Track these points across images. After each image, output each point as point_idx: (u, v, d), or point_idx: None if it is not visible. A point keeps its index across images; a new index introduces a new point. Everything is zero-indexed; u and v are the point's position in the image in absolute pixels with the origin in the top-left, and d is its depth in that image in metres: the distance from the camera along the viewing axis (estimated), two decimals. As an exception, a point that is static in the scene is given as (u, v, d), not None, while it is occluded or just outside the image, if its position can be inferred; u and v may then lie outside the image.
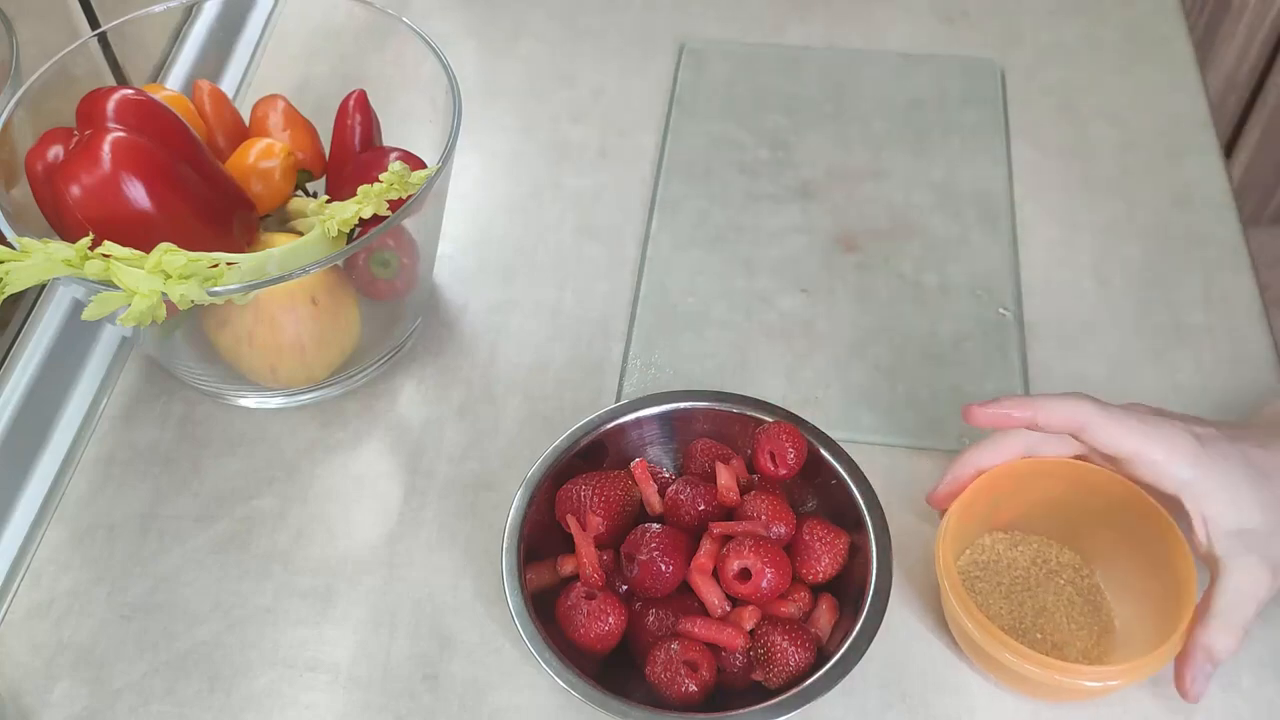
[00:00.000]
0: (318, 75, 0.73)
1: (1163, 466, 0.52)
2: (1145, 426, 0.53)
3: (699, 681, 0.51)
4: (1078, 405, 0.53)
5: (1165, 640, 0.51)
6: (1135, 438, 0.52)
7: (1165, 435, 0.52)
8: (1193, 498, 0.52)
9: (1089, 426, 0.53)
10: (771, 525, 0.54)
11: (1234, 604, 0.51)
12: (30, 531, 0.62)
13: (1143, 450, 0.52)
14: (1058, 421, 0.54)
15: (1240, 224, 0.73)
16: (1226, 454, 0.52)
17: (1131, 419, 0.53)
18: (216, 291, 0.53)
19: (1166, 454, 0.52)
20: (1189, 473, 0.52)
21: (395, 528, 0.61)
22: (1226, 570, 0.51)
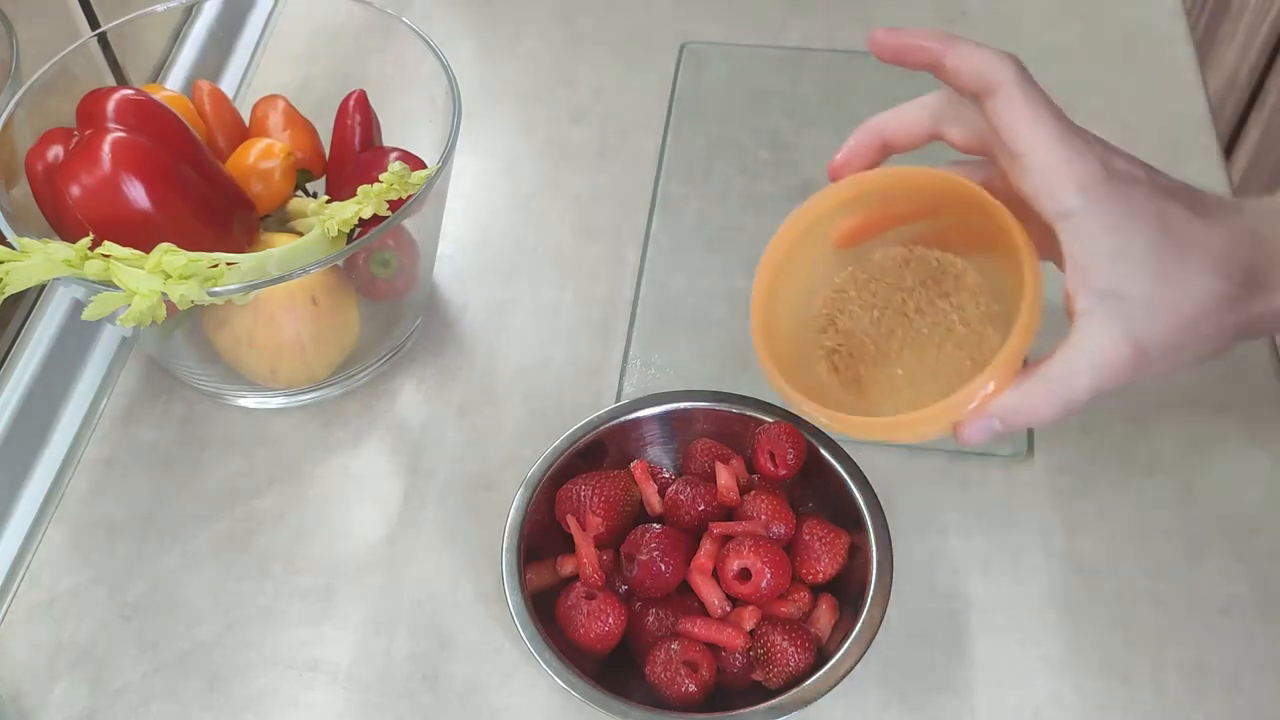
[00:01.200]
0: (318, 75, 0.73)
1: (1049, 179, 0.42)
2: (1057, 126, 0.43)
3: (699, 681, 0.51)
4: (999, 62, 0.43)
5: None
6: (1039, 131, 0.42)
7: (1071, 147, 0.42)
8: (1068, 232, 0.43)
9: (999, 91, 0.43)
10: (771, 525, 0.54)
11: (1066, 371, 0.43)
12: (30, 531, 0.62)
13: (1036, 150, 0.42)
14: (968, 71, 0.44)
15: (1240, 224, 0.73)
16: (1136, 201, 0.43)
17: (1048, 110, 0.43)
18: (216, 291, 0.53)
19: (1060, 166, 0.42)
20: (1074, 200, 0.42)
21: (395, 528, 0.61)
22: (1077, 333, 0.43)
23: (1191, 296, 0.43)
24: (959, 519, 0.60)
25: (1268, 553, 0.58)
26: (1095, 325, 0.43)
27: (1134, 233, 0.42)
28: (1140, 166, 0.45)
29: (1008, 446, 0.63)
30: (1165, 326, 0.43)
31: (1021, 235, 0.44)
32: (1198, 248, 0.43)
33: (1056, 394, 0.43)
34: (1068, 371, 0.43)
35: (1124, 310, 0.42)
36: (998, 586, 0.58)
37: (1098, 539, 0.59)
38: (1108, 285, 0.42)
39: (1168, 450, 0.62)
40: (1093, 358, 0.43)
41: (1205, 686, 0.54)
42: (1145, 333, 0.43)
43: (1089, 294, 0.43)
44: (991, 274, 0.48)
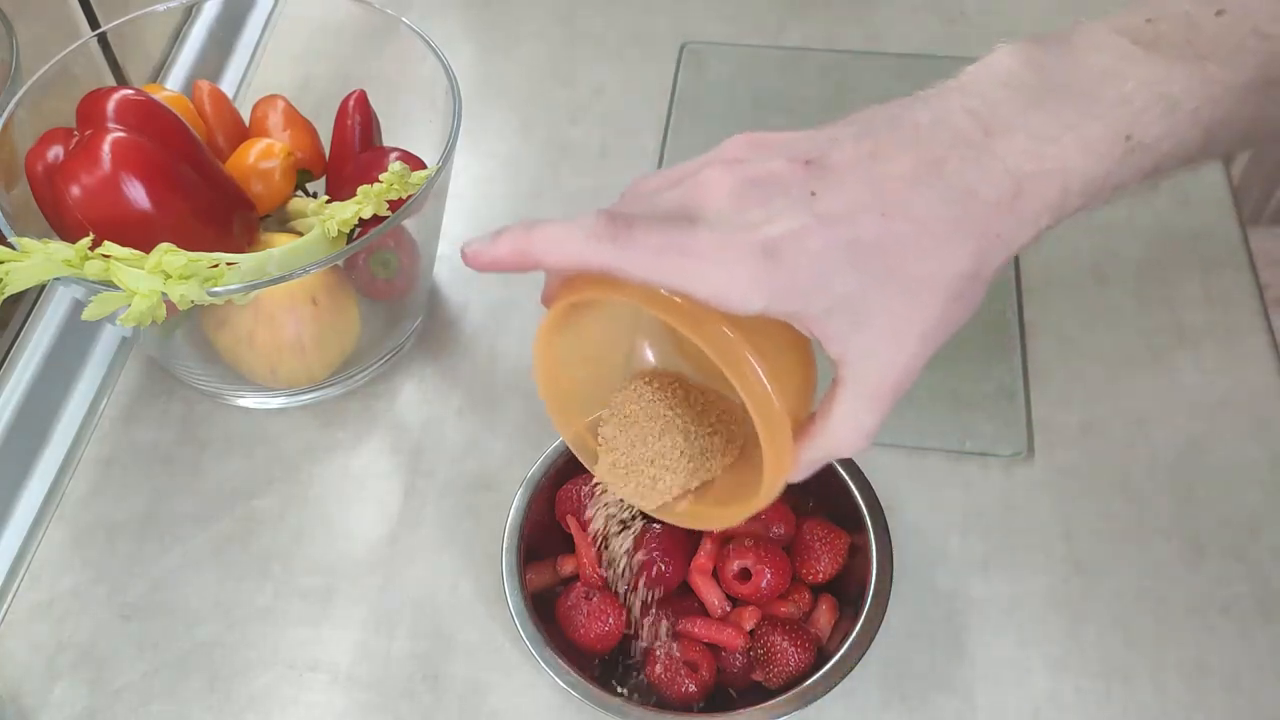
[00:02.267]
0: (318, 75, 0.73)
1: (723, 305, 0.39)
2: (676, 254, 0.39)
3: (699, 681, 0.51)
4: (568, 235, 0.40)
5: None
6: (672, 274, 0.39)
7: (711, 257, 0.38)
8: (782, 316, 0.40)
9: (601, 265, 0.40)
10: (771, 525, 0.55)
11: (849, 400, 0.42)
12: (30, 531, 0.62)
13: (690, 289, 0.39)
14: (556, 259, 0.41)
15: (1240, 224, 0.73)
16: (798, 241, 0.39)
17: (652, 238, 0.39)
18: (216, 291, 0.53)
19: (721, 287, 0.38)
20: (759, 300, 0.39)
21: (395, 528, 0.61)
22: (841, 365, 0.42)
23: (920, 314, 0.41)
24: (959, 519, 0.60)
25: (1268, 553, 0.58)
26: (851, 350, 0.41)
27: (825, 266, 0.39)
28: (803, 164, 0.41)
29: (1008, 447, 0.63)
30: (914, 344, 0.42)
31: (735, 368, 0.42)
32: (905, 253, 0.40)
33: (850, 434, 0.43)
34: (851, 417, 0.42)
35: (861, 308, 0.40)
36: (998, 586, 0.58)
37: (1098, 539, 0.59)
38: (838, 350, 0.41)
39: (1168, 450, 0.62)
40: (858, 405, 0.42)
41: (1205, 686, 0.54)
42: (894, 364, 0.42)
43: (832, 340, 0.41)
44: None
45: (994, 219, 0.40)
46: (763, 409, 0.42)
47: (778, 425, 0.42)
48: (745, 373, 0.41)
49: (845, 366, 0.41)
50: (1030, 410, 0.64)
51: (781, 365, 0.43)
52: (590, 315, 0.48)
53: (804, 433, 0.44)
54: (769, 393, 0.41)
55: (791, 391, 0.43)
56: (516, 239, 0.41)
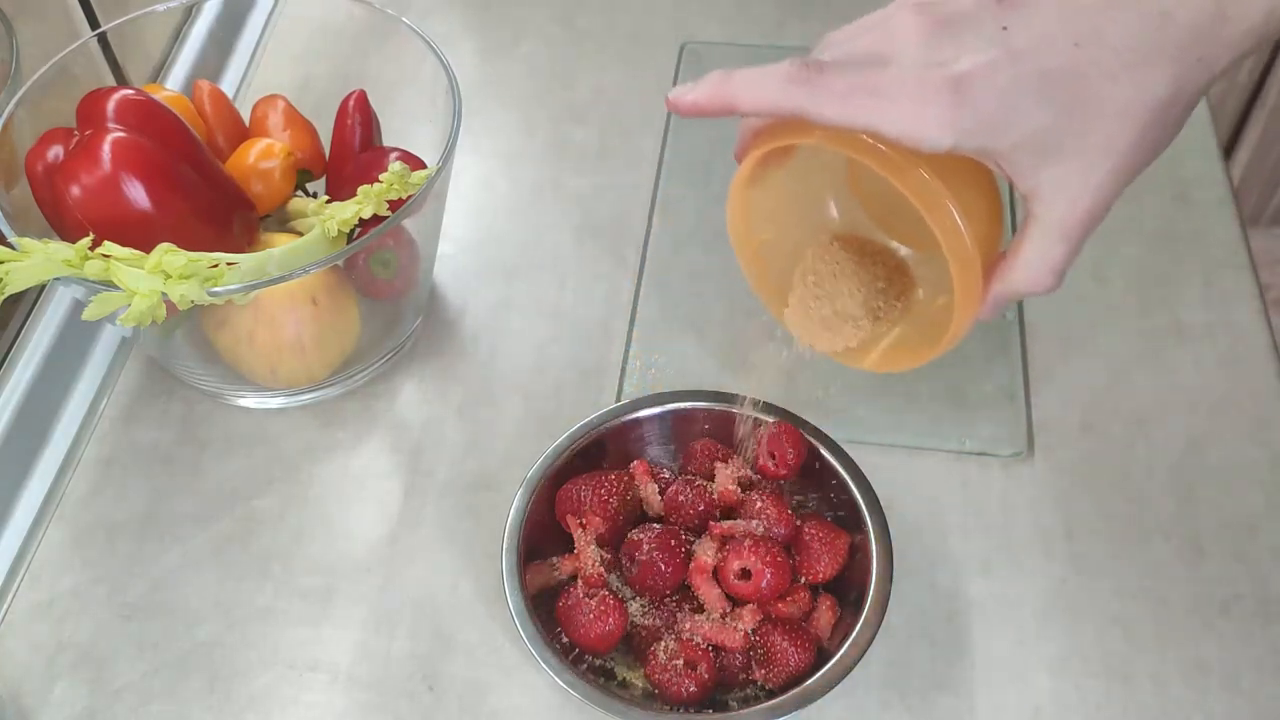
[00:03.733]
0: (318, 75, 0.73)
1: (913, 143, 0.40)
2: (866, 94, 0.40)
3: (699, 681, 0.51)
4: (763, 78, 0.41)
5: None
6: (861, 114, 0.40)
7: (901, 96, 0.39)
8: (971, 153, 0.41)
9: (801, 112, 0.41)
10: (771, 525, 0.55)
11: (1039, 237, 0.42)
12: (30, 531, 0.62)
13: (879, 129, 0.40)
14: (753, 101, 0.42)
15: (1240, 224, 0.73)
16: (987, 76, 0.39)
17: (843, 80, 0.40)
18: (216, 291, 0.53)
19: (910, 126, 0.40)
20: (948, 138, 0.40)
21: (395, 528, 0.61)
22: (1031, 200, 0.42)
23: (1114, 143, 0.41)
24: (959, 519, 0.60)
25: (1268, 553, 0.58)
26: (1043, 183, 0.41)
27: (1011, 97, 0.39)
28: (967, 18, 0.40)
29: (1007, 447, 0.63)
30: (1106, 175, 0.42)
31: (930, 204, 0.43)
32: (1098, 81, 0.39)
33: (1041, 260, 0.43)
34: (1044, 237, 0.42)
35: (1054, 146, 0.40)
36: (998, 586, 0.58)
37: (1098, 539, 0.59)
38: (1028, 185, 0.41)
39: (1168, 450, 0.62)
40: (1058, 211, 0.42)
41: (1205, 686, 0.54)
42: (1088, 143, 0.41)
43: (1023, 174, 0.42)
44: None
45: (1193, 42, 0.39)
46: (955, 245, 0.43)
47: (969, 261, 0.43)
48: (940, 212, 0.42)
49: (1036, 201, 0.41)
50: (1030, 410, 0.64)
51: (972, 204, 0.43)
52: (779, 174, 0.50)
53: (993, 271, 0.44)
54: (961, 230, 0.43)
55: (981, 230, 0.44)
56: (716, 84, 0.42)
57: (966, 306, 0.45)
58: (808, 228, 0.56)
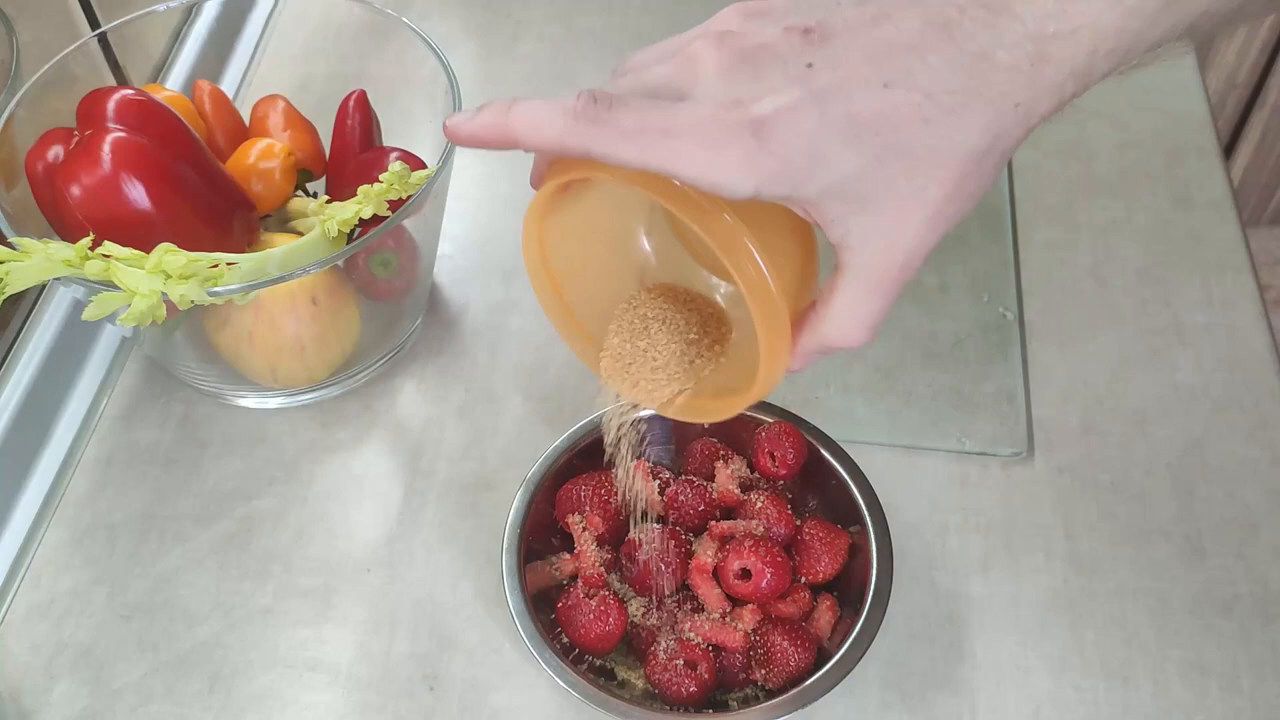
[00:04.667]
0: (318, 75, 0.73)
1: (711, 189, 0.37)
2: (659, 135, 0.37)
3: (699, 681, 0.51)
4: (549, 115, 0.38)
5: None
6: (654, 157, 0.37)
7: (697, 138, 0.36)
8: (775, 199, 0.38)
9: (588, 153, 0.38)
10: (771, 525, 0.55)
11: (850, 289, 0.40)
12: (30, 531, 0.62)
13: (674, 172, 0.37)
14: (535, 140, 0.39)
15: (1240, 224, 0.73)
16: (790, 119, 0.36)
17: (634, 117, 0.37)
18: (216, 291, 0.53)
19: (707, 171, 0.36)
20: (748, 184, 0.36)
21: (395, 528, 0.61)
22: (841, 250, 0.39)
23: (927, 194, 0.38)
24: (959, 519, 0.60)
25: (1268, 553, 0.58)
26: (852, 234, 0.38)
27: (820, 142, 0.36)
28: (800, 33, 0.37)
29: (1007, 447, 0.63)
30: (920, 225, 0.39)
31: (733, 255, 0.41)
32: (909, 128, 0.37)
33: (850, 324, 0.40)
34: (856, 285, 0.40)
35: (865, 192, 0.37)
36: (998, 586, 0.58)
37: (1098, 539, 0.59)
38: (837, 234, 0.39)
39: (1168, 450, 0.62)
40: (860, 293, 0.40)
41: (1205, 686, 0.54)
42: (897, 247, 0.38)
43: (830, 224, 0.39)
44: None
45: (1011, 87, 0.37)
46: (759, 296, 0.40)
47: (774, 313, 0.40)
48: (742, 259, 0.39)
49: (845, 251, 0.39)
50: (1030, 410, 0.64)
51: (779, 250, 0.41)
52: (579, 200, 0.46)
53: (803, 321, 0.42)
54: (766, 279, 0.40)
55: (789, 278, 0.41)
56: (497, 114, 0.40)
57: (774, 357, 0.42)
58: (618, 257, 0.52)
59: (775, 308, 0.40)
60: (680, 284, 0.51)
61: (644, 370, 0.49)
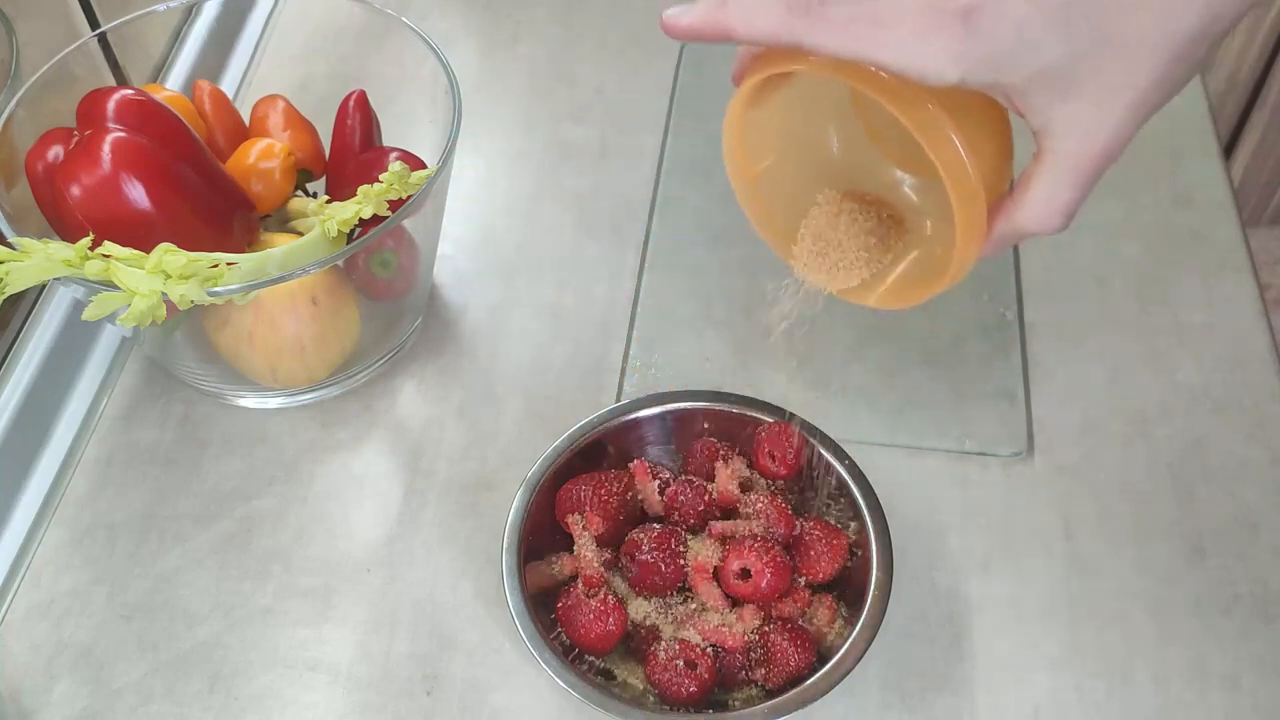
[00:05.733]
0: (318, 75, 0.73)
1: (917, 76, 0.38)
2: (869, 24, 0.37)
3: (699, 681, 0.51)
4: (761, 5, 0.39)
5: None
6: (862, 45, 0.38)
7: (906, 27, 0.37)
8: (980, 87, 0.38)
9: (799, 43, 0.39)
10: (771, 525, 0.55)
11: (1050, 176, 0.40)
12: (30, 531, 0.62)
13: (881, 61, 0.38)
14: (749, 30, 0.40)
15: (1240, 224, 0.73)
16: (1000, 5, 0.37)
17: (844, 8, 0.38)
18: (216, 291, 0.53)
19: (914, 58, 0.37)
20: (955, 71, 0.37)
21: (395, 528, 0.61)
22: (1043, 136, 0.40)
23: (1134, 78, 0.38)
24: (959, 519, 0.60)
25: (1268, 553, 0.58)
26: (1055, 118, 0.39)
27: (1021, 26, 0.36)
28: None
29: (1007, 447, 0.63)
30: (1124, 112, 0.39)
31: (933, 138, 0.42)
32: (1122, 9, 0.37)
33: (1049, 198, 0.41)
34: (1054, 172, 0.40)
35: (1068, 79, 0.37)
36: (998, 586, 0.58)
37: (1098, 539, 0.59)
38: (1040, 121, 0.39)
39: (1168, 450, 0.62)
40: (1071, 147, 0.39)
41: (1205, 686, 0.54)
42: (1103, 79, 0.38)
43: (1035, 110, 0.39)
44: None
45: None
46: (959, 182, 0.41)
47: (973, 199, 0.41)
48: (944, 147, 0.41)
49: (1047, 138, 0.39)
50: (1030, 410, 0.64)
51: (979, 139, 0.42)
52: (778, 98, 0.48)
53: (999, 208, 0.42)
54: (966, 166, 0.41)
55: (988, 167, 0.42)
56: (712, 8, 0.40)
57: (969, 243, 0.43)
58: (808, 154, 0.54)
59: (974, 193, 0.41)
60: (867, 182, 0.54)
61: (833, 260, 0.52)
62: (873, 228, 0.53)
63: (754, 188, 0.51)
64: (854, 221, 0.53)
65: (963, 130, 0.41)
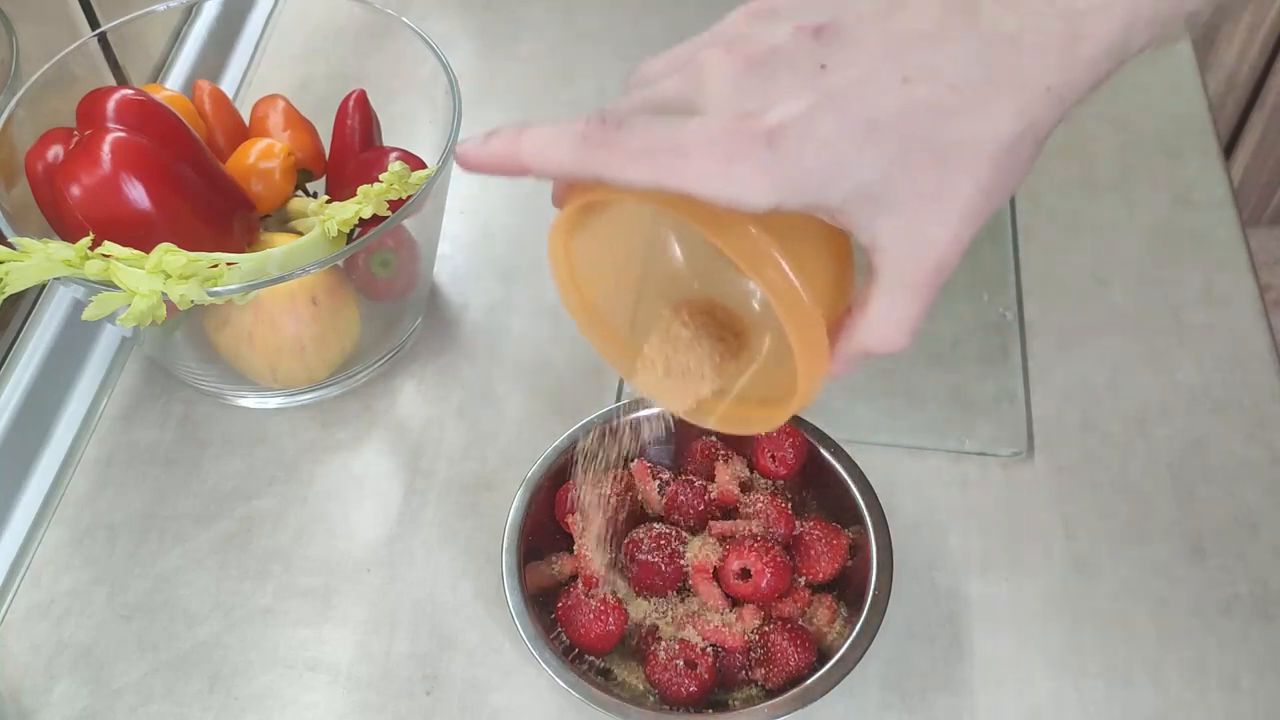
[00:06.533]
0: (318, 75, 0.73)
1: (729, 205, 0.35)
2: (669, 154, 0.35)
3: (699, 681, 0.51)
4: (557, 140, 0.37)
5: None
6: (666, 176, 0.35)
7: (709, 154, 0.35)
8: (797, 210, 0.36)
9: (599, 177, 0.36)
10: (771, 525, 0.55)
11: (886, 294, 0.39)
12: (30, 531, 0.62)
13: (688, 191, 0.35)
14: (545, 166, 0.38)
15: (1240, 224, 0.73)
16: (805, 126, 0.35)
17: (642, 137, 0.35)
18: (216, 291, 0.53)
19: (722, 187, 0.35)
20: (767, 198, 0.35)
21: (395, 528, 0.61)
22: (872, 254, 0.38)
23: (959, 188, 0.36)
24: (959, 519, 0.60)
25: (1268, 553, 0.58)
26: (881, 233, 0.37)
27: (839, 151, 0.35)
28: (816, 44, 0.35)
29: (1007, 447, 0.63)
30: (953, 223, 0.37)
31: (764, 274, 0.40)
32: (933, 122, 0.35)
33: (889, 328, 0.39)
34: (890, 289, 0.38)
35: (891, 194, 0.36)
36: (998, 586, 0.58)
37: (1098, 539, 0.59)
38: (867, 239, 0.37)
39: (1168, 450, 0.62)
40: (896, 296, 0.38)
41: (1205, 686, 0.54)
42: (930, 248, 0.37)
43: (859, 229, 0.37)
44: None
45: (1042, 70, 0.35)
46: (791, 308, 0.39)
47: (808, 324, 0.39)
48: (770, 272, 0.38)
49: (878, 255, 0.38)
50: (1030, 410, 0.64)
51: (810, 258, 0.40)
52: (604, 215, 0.46)
53: (841, 327, 0.41)
54: (797, 291, 0.39)
55: (823, 286, 0.40)
56: (507, 141, 0.38)
57: (811, 366, 0.41)
58: (650, 269, 0.51)
59: (808, 319, 0.39)
60: (714, 290, 0.50)
61: (679, 380, 0.48)
62: (724, 342, 0.49)
63: (594, 315, 0.48)
64: (698, 339, 0.49)
65: (790, 252, 0.38)
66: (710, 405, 0.47)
